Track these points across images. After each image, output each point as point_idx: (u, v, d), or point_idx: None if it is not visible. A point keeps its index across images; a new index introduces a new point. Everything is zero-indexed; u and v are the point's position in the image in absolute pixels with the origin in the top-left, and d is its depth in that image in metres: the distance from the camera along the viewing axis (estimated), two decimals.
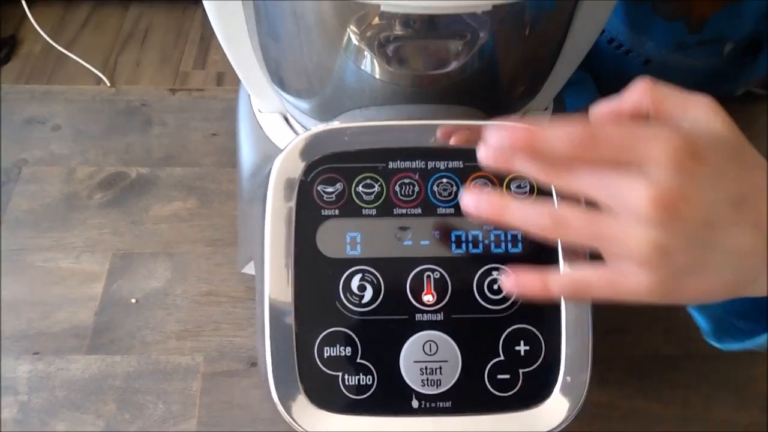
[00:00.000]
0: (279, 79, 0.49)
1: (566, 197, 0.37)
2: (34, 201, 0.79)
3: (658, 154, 0.31)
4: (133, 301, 0.72)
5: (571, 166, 0.34)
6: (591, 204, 0.34)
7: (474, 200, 0.36)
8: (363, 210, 0.42)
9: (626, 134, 0.32)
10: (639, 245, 0.32)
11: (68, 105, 0.90)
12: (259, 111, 0.56)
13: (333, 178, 0.42)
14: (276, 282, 0.41)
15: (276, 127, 0.55)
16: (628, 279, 0.33)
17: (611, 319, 0.36)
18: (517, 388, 0.41)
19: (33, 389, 0.66)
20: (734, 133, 0.34)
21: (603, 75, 0.81)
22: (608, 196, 0.33)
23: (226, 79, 0.95)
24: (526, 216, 0.34)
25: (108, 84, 0.92)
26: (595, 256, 0.37)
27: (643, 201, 0.31)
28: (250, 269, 0.69)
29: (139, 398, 0.66)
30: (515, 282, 0.36)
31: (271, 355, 0.40)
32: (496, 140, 0.34)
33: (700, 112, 0.34)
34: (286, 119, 0.55)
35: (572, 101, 0.81)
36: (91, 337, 0.69)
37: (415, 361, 0.41)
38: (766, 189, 0.32)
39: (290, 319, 0.41)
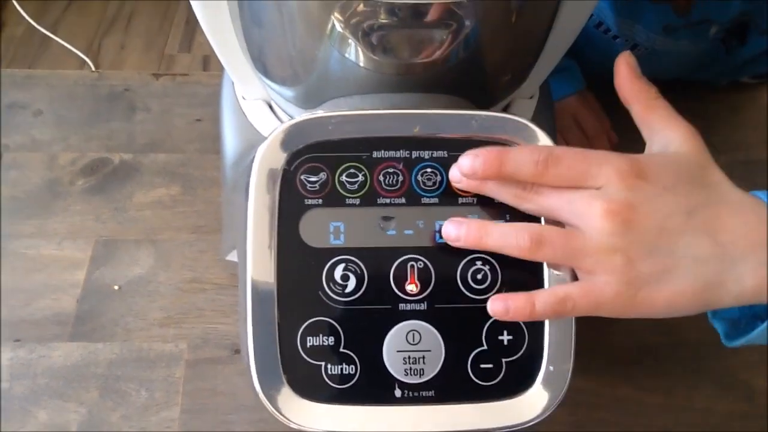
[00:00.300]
0: (263, 66, 0.48)
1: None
2: (15, 187, 0.79)
3: (609, 173, 0.35)
4: (116, 288, 0.72)
5: (537, 190, 0.38)
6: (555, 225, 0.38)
7: (455, 230, 0.39)
8: (346, 199, 0.42)
9: (584, 157, 0.36)
10: (606, 255, 0.35)
11: (50, 90, 0.88)
12: (243, 98, 0.55)
13: (316, 167, 0.42)
14: (259, 272, 0.40)
15: (260, 114, 0.54)
16: (603, 289, 0.36)
17: None
18: (500, 378, 0.41)
19: (14, 376, 0.65)
20: (699, 158, 0.37)
21: (590, 60, 0.81)
22: (571, 213, 0.37)
23: (212, 62, 0.94)
24: (505, 239, 0.38)
25: (92, 67, 0.91)
26: None
27: (599, 214, 0.35)
28: (234, 256, 0.68)
29: (122, 385, 0.65)
30: (504, 308, 0.38)
31: (254, 345, 0.40)
32: (469, 167, 0.38)
33: (676, 134, 0.38)
34: (270, 107, 0.55)
35: (558, 88, 0.81)
36: (73, 324, 0.69)
37: (398, 351, 0.41)
38: (722, 203, 0.36)
39: (273, 309, 0.40)
